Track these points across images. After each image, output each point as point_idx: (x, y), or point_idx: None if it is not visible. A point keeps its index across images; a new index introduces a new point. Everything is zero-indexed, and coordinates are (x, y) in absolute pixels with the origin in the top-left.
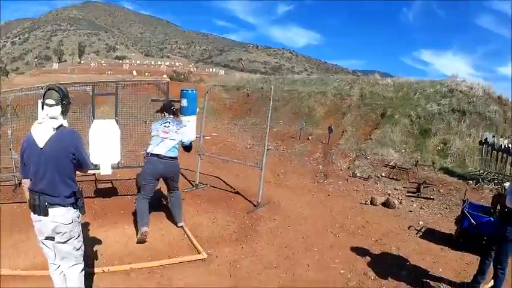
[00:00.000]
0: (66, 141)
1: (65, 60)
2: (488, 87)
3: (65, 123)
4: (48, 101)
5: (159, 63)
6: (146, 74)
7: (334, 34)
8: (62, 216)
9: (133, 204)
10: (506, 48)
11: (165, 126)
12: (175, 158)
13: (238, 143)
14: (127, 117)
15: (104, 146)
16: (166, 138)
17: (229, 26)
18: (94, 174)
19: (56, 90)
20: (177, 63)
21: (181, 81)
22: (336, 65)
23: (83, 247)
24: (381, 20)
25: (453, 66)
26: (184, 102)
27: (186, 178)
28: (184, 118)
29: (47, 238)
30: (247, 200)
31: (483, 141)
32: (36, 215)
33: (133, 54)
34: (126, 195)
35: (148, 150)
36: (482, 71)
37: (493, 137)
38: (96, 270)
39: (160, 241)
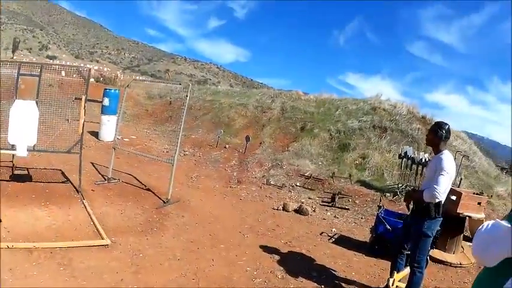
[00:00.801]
0: None
1: None
2: (412, 107)
3: None
4: None
5: (88, 66)
6: (74, 75)
7: (262, 53)
8: None
9: (46, 190)
10: (434, 75)
11: None
12: None
13: (155, 147)
14: (49, 115)
15: (22, 127)
16: None
17: (159, 35)
18: (12, 159)
19: None
20: (105, 69)
21: (107, 84)
22: (261, 83)
23: None
24: (310, 42)
25: (379, 90)
26: (106, 102)
27: (99, 173)
28: (104, 117)
29: None
30: (157, 196)
31: (403, 155)
32: None
33: (64, 56)
34: (39, 182)
35: None
36: (409, 97)
37: (414, 152)
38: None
39: (66, 225)
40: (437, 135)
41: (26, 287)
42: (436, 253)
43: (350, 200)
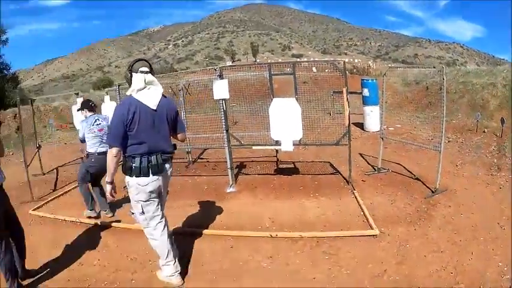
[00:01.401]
0: (171, 104)
1: (239, 60)
2: None
3: None
4: (143, 69)
5: (338, 59)
6: (326, 70)
7: (495, 26)
8: (170, 169)
9: (315, 182)
10: None
11: (97, 125)
12: None
13: (420, 134)
14: (309, 110)
15: (285, 123)
16: (104, 135)
17: (398, 21)
18: (276, 154)
19: (145, 60)
20: (356, 60)
21: (360, 74)
22: (502, 59)
23: None
24: None
25: None
26: (365, 92)
27: (368, 163)
28: (366, 108)
29: (158, 195)
30: (425, 185)
31: None
32: (150, 176)
33: (310, 53)
34: (307, 174)
35: (93, 151)
36: None
37: None
38: (263, 234)
39: (336, 216)
40: None
41: (285, 274)
42: None
43: None
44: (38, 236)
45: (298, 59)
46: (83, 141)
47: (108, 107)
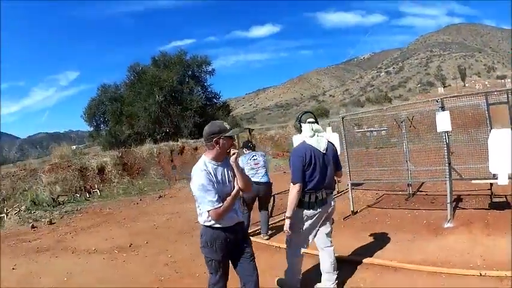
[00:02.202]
0: (334, 149)
1: (449, 85)
2: None
3: None
4: (310, 120)
5: None
6: None
7: None
8: (333, 201)
9: None
10: None
11: (254, 159)
12: (269, 182)
13: None
14: None
15: (502, 155)
16: (259, 169)
17: None
18: (490, 188)
19: (311, 112)
20: None
21: None
22: None
23: None
24: None
25: None
26: None
27: None
28: None
29: (318, 223)
30: None
31: None
32: (315, 209)
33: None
34: None
35: None
36: None
37: None
38: (471, 272)
39: None
40: None
41: None
42: None
43: None
44: None
45: (502, 81)
46: None
47: (332, 138)
